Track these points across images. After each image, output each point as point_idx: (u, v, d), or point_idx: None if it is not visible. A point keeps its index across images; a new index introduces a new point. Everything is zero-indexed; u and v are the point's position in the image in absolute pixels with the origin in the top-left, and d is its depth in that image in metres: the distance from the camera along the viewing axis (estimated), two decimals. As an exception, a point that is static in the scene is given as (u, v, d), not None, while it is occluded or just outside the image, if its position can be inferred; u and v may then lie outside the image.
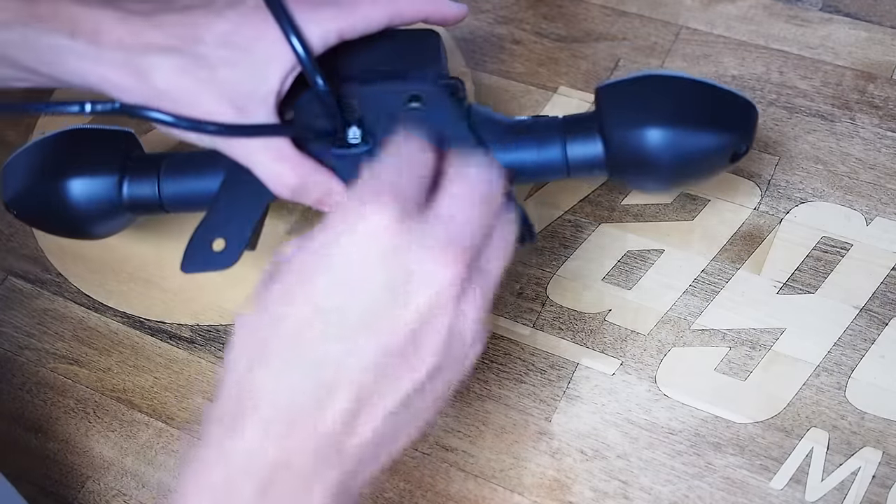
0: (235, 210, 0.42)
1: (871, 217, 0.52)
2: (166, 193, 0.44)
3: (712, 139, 0.41)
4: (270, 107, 0.39)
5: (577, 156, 0.41)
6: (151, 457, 0.49)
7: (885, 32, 0.59)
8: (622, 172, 0.42)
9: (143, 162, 0.45)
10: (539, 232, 0.53)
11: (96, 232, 0.46)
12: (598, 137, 0.41)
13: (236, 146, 0.40)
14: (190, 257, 0.42)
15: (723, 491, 0.45)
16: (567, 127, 0.42)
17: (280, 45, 0.38)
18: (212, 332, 0.53)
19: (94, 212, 0.44)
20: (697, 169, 0.42)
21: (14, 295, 0.56)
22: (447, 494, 0.46)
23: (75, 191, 0.44)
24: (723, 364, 0.48)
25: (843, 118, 0.56)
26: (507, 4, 0.64)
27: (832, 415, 0.46)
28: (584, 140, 0.41)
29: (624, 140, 0.40)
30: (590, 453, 0.47)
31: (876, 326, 0.48)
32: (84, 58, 0.38)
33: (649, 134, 0.40)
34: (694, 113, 0.41)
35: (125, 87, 0.39)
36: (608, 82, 0.43)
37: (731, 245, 0.52)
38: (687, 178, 0.43)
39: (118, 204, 0.44)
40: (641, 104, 0.41)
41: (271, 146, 0.39)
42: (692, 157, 0.41)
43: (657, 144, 0.40)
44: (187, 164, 0.44)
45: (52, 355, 0.53)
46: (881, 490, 0.44)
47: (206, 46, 0.38)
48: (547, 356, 0.50)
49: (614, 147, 0.41)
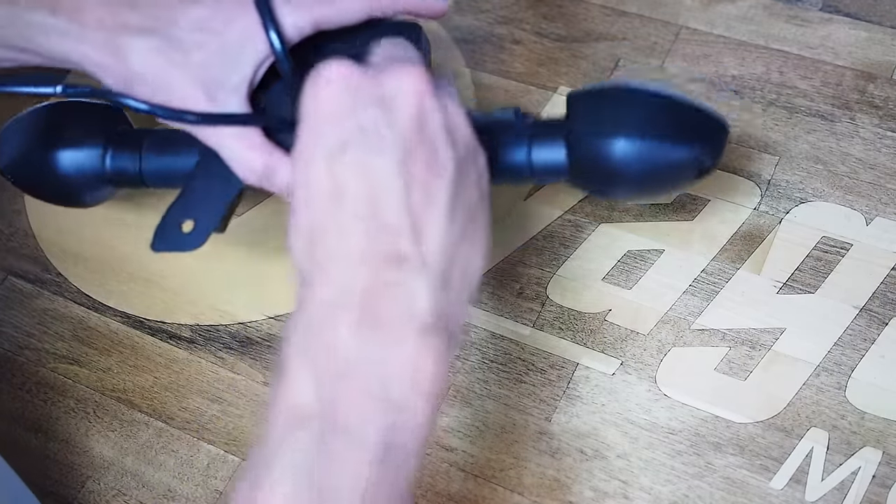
0: (207, 194, 0.43)
1: (871, 217, 0.52)
2: (146, 168, 0.45)
3: (676, 154, 0.40)
4: (242, 95, 0.40)
5: (541, 160, 0.42)
6: (151, 457, 0.49)
7: (885, 32, 0.59)
8: (584, 180, 0.43)
9: (128, 136, 0.46)
10: (539, 232, 0.53)
11: (85, 200, 0.47)
12: (562, 143, 0.41)
13: (207, 131, 0.40)
14: (160, 237, 0.42)
15: (723, 491, 0.45)
16: (535, 131, 0.42)
17: (254, 31, 0.39)
18: (212, 332, 0.53)
19: (80, 181, 0.46)
20: (660, 182, 0.42)
21: (14, 295, 0.56)
22: (447, 494, 0.46)
23: (63, 161, 0.45)
24: (723, 364, 0.48)
25: (843, 118, 0.56)
26: (507, 4, 0.64)
27: (832, 415, 0.46)
28: (549, 145, 0.42)
29: (587, 148, 0.41)
30: (590, 453, 0.47)
31: (876, 326, 0.48)
32: (66, 36, 0.39)
33: (612, 144, 0.40)
34: (660, 126, 0.40)
35: (105, 67, 0.39)
36: (580, 90, 0.43)
37: (731, 245, 0.52)
38: (649, 190, 0.43)
39: (102, 175, 0.45)
40: (608, 114, 0.41)
41: (241, 134, 0.40)
42: (654, 170, 0.41)
43: (620, 155, 0.40)
44: (168, 141, 0.45)
45: (52, 355, 0.53)
46: (881, 490, 0.44)
47: (181, 30, 0.39)
48: (547, 356, 0.50)
49: (578, 154, 0.41)
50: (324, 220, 0.33)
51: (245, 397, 0.50)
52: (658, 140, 0.40)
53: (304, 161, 0.34)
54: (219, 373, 0.51)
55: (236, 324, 0.53)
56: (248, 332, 0.52)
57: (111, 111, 0.47)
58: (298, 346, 0.32)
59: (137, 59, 0.39)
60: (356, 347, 0.31)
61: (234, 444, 0.49)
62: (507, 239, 0.53)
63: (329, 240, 0.33)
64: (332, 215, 0.33)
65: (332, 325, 0.31)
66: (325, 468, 0.30)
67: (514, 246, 0.53)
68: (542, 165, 0.42)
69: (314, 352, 0.31)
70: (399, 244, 0.32)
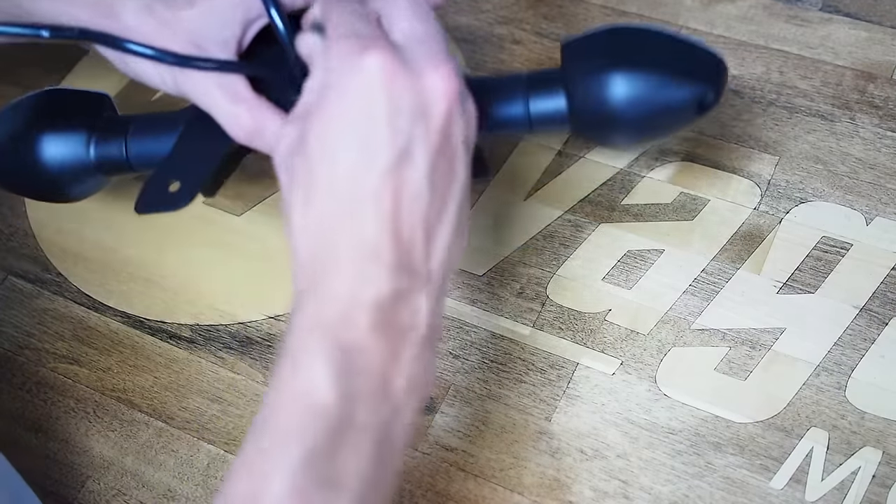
0: (194, 154, 0.42)
1: (871, 217, 0.52)
2: (133, 153, 0.45)
3: (677, 87, 0.40)
4: (231, 50, 0.40)
5: (540, 110, 0.41)
6: (151, 457, 0.49)
7: (885, 32, 0.59)
8: (586, 126, 0.42)
9: (112, 122, 0.46)
10: (539, 232, 0.53)
11: (71, 193, 0.47)
12: (561, 92, 0.41)
13: (196, 87, 0.40)
14: (144, 197, 0.42)
15: (723, 491, 0.45)
16: (531, 83, 0.41)
17: None
18: (212, 332, 0.53)
19: (65, 171, 0.45)
20: (663, 119, 0.41)
21: (14, 295, 0.56)
22: (447, 494, 0.46)
23: (46, 150, 0.45)
24: (723, 364, 0.48)
25: (843, 118, 0.56)
26: (507, 4, 0.64)
27: (832, 415, 0.46)
28: (548, 95, 0.41)
29: (587, 90, 0.40)
30: (590, 453, 0.47)
31: (876, 326, 0.48)
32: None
33: (612, 82, 0.39)
34: (658, 61, 0.40)
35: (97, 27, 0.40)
36: (573, 37, 0.42)
37: (731, 245, 0.52)
38: (652, 129, 0.42)
39: (87, 163, 0.45)
40: (605, 54, 0.40)
41: (228, 87, 0.40)
42: (656, 105, 0.40)
43: (620, 92, 0.39)
44: (154, 124, 0.45)
45: (52, 355, 0.53)
46: (881, 490, 0.44)
47: None
48: (547, 356, 0.50)
49: (578, 99, 0.40)
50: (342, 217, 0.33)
51: (245, 397, 0.50)
52: (659, 74, 0.39)
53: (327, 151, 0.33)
54: (219, 373, 0.51)
55: (236, 324, 0.53)
56: (248, 332, 0.52)
57: (95, 98, 0.47)
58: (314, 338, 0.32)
59: (129, 17, 0.39)
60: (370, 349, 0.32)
61: (234, 443, 0.49)
62: (507, 239, 0.53)
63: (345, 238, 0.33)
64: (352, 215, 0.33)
65: (351, 324, 0.32)
66: (333, 462, 0.30)
67: (514, 246, 0.53)
68: (542, 115, 0.41)
69: (331, 347, 0.32)
70: (412, 257, 0.33)
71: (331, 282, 0.33)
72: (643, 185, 0.54)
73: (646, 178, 0.55)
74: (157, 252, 0.56)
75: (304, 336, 0.32)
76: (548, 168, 0.56)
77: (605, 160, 0.56)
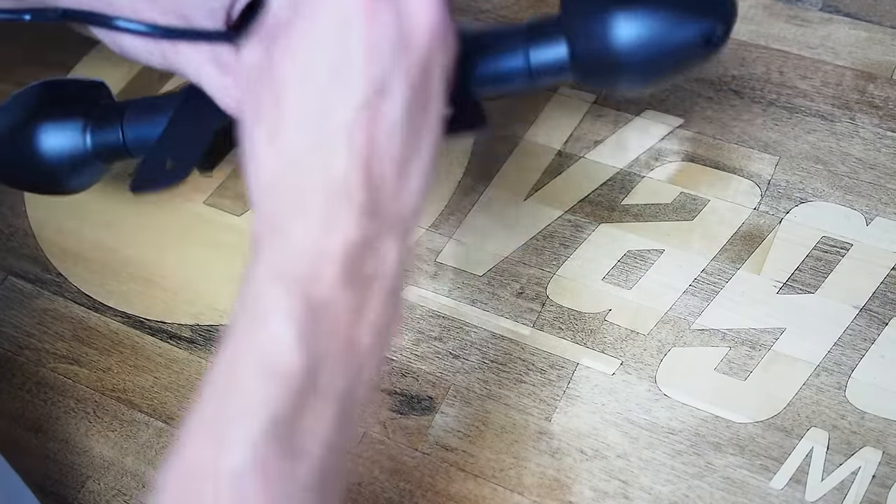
0: (186, 132, 0.42)
1: (871, 217, 0.52)
2: (130, 137, 0.44)
3: (682, 20, 0.37)
4: (219, 20, 0.39)
5: (541, 61, 0.39)
6: (151, 457, 0.49)
7: (885, 32, 0.59)
8: (590, 70, 0.39)
9: (108, 109, 0.45)
10: (539, 232, 0.53)
11: (70, 183, 0.47)
12: (562, 39, 0.39)
13: (185, 60, 0.40)
14: (139, 177, 0.41)
15: (723, 491, 0.45)
16: (530, 33, 0.39)
17: None
18: (212, 331, 0.53)
19: (62, 160, 0.45)
20: (670, 58, 0.38)
21: (14, 295, 0.56)
22: (447, 494, 0.46)
23: (42, 140, 0.45)
24: (723, 364, 0.48)
25: (843, 118, 0.56)
26: (507, 4, 0.64)
27: (832, 415, 0.46)
28: (548, 44, 0.39)
29: (589, 32, 0.38)
30: (590, 453, 0.47)
31: (876, 326, 0.48)
32: None
33: (613, 21, 0.37)
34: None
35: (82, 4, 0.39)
36: None
37: (731, 245, 0.52)
38: (659, 70, 0.40)
39: (84, 151, 0.45)
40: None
41: (218, 60, 0.39)
42: (662, 40, 0.37)
43: (623, 32, 0.37)
44: (150, 107, 0.44)
45: (52, 355, 0.53)
46: (881, 490, 0.44)
47: None
48: (547, 356, 0.50)
49: (580, 44, 0.38)
50: (311, 151, 0.31)
51: (245, 397, 0.50)
52: (662, 9, 0.37)
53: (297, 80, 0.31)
54: None
55: (236, 324, 0.53)
56: (248, 332, 0.52)
57: (91, 87, 0.47)
58: (276, 291, 0.30)
59: None
60: (336, 303, 0.30)
61: (234, 444, 0.49)
62: (507, 239, 0.53)
63: (314, 174, 0.30)
64: (322, 149, 0.30)
65: (317, 279, 0.30)
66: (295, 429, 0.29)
67: (514, 246, 0.53)
68: (542, 65, 0.39)
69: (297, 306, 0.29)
70: (382, 197, 0.31)
71: (295, 226, 0.30)
72: (643, 185, 0.54)
73: (646, 178, 0.55)
74: (157, 252, 0.56)
75: (265, 287, 0.30)
76: (548, 168, 0.56)
77: (606, 160, 0.56)
